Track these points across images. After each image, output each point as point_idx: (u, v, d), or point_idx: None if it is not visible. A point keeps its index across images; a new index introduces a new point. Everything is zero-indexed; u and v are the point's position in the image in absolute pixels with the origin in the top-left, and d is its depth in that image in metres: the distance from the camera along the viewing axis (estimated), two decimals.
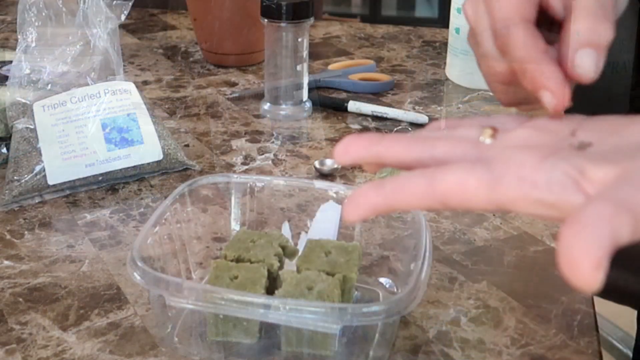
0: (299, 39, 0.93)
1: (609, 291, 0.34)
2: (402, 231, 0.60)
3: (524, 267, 0.65)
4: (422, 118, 0.94)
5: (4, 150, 0.82)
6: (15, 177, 0.74)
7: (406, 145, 0.38)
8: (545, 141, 0.37)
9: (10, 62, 0.82)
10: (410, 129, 0.91)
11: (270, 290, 0.53)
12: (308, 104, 0.97)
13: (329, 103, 0.99)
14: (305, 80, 0.96)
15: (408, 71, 1.14)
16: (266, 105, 0.97)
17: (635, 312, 1.08)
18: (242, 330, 0.53)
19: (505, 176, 0.33)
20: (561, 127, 0.38)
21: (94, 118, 0.78)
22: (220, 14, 1.10)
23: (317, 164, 0.82)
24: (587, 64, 0.41)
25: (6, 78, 0.82)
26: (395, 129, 0.90)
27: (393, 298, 0.49)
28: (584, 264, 0.28)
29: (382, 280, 0.61)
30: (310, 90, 0.97)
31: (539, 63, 0.42)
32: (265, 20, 0.93)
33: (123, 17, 0.82)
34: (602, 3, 0.43)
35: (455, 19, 1.06)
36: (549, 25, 0.46)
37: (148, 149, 0.79)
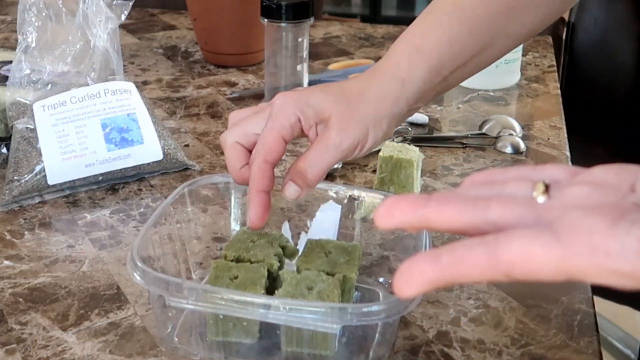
0: (299, 39, 0.93)
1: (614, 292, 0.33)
2: (402, 231, 0.60)
3: None
4: (422, 118, 0.94)
5: (4, 150, 0.82)
6: (15, 177, 0.74)
7: (456, 208, 0.35)
8: (607, 200, 0.34)
9: (10, 62, 0.82)
10: (410, 129, 0.91)
11: (270, 290, 0.53)
12: None
13: None
14: (305, 80, 0.95)
15: None
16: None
17: (635, 311, 1.08)
18: (242, 330, 0.53)
19: (574, 244, 0.31)
20: (618, 180, 0.36)
21: (94, 118, 0.78)
22: (220, 14, 1.10)
23: None
24: (289, 192, 0.55)
25: (6, 78, 0.82)
26: (395, 129, 0.90)
27: (393, 298, 0.48)
28: None
29: (382, 280, 0.61)
30: None
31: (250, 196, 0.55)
32: (265, 20, 0.93)
33: (123, 17, 0.82)
34: (324, 153, 0.55)
35: None
36: None
37: (148, 149, 0.79)
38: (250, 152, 0.58)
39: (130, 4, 0.82)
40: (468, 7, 0.60)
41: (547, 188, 0.35)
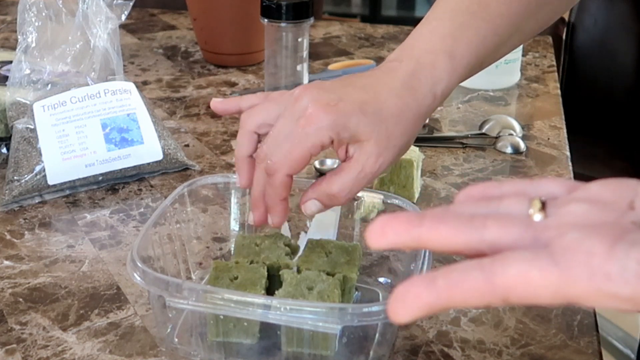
0: (299, 39, 0.93)
1: None
2: None
3: None
4: None
5: (4, 150, 0.82)
6: (15, 177, 0.74)
7: (452, 228, 0.34)
8: (605, 218, 0.33)
9: (10, 62, 0.82)
10: None
11: (271, 290, 0.53)
12: None
13: None
14: (305, 80, 0.96)
15: None
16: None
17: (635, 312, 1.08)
18: (242, 331, 0.53)
19: (572, 268, 0.30)
20: (616, 197, 0.35)
21: (94, 118, 0.78)
22: (220, 14, 1.10)
23: (317, 164, 0.82)
24: (311, 209, 0.55)
25: (6, 78, 0.82)
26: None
27: None
28: None
29: (382, 280, 0.61)
30: None
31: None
32: (265, 20, 0.93)
33: (123, 17, 0.82)
34: (359, 179, 0.53)
35: None
36: None
37: (148, 149, 0.79)
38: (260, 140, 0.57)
39: (130, 4, 0.82)
40: (493, 8, 0.59)
41: (543, 205, 0.35)
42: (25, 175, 0.74)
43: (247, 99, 0.60)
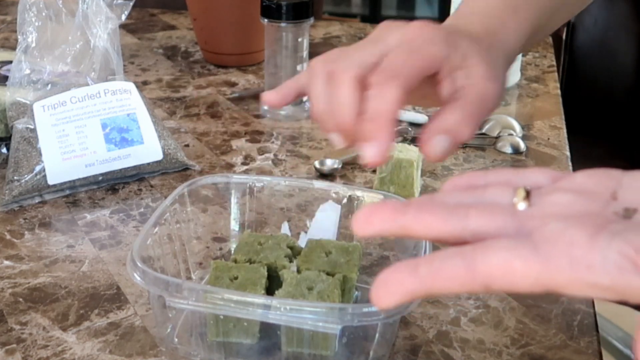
0: (299, 39, 0.93)
1: None
2: None
3: None
4: (422, 118, 0.94)
5: (4, 150, 0.82)
6: (15, 177, 0.74)
7: (436, 216, 0.34)
8: (588, 208, 0.34)
9: (10, 62, 0.82)
10: (410, 128, 0.91)
11: (271, 290, 0.53)
12: (308, 104, 0.97)
13: None
14: None
15: None
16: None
17: (635, 311, 1.08)
18: (242, 331, 0.53)
19: (554, 257, 0.30)
20: (600, 187, 0.35)
21: (94, 118, 0.78)
22: (220, 14, 1.10)
23: (317, 164, 0.82)
24: (439, 147, 0.45)
25: (6, 78, 0.82)
26: (395, 129, 0.90)
27: None
28: None
29: None
30: None
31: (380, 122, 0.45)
32: (265, 20, 0.93)
33: (123, 17, 0.82)
34: (481, 107, 0.46)
35: None
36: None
37: (148, 149, 0.79)
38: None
39: (131, 4, 0.82)
40: None
41: (528, 194, 0.35)
42: (25, 175, 0.74)
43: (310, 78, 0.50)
